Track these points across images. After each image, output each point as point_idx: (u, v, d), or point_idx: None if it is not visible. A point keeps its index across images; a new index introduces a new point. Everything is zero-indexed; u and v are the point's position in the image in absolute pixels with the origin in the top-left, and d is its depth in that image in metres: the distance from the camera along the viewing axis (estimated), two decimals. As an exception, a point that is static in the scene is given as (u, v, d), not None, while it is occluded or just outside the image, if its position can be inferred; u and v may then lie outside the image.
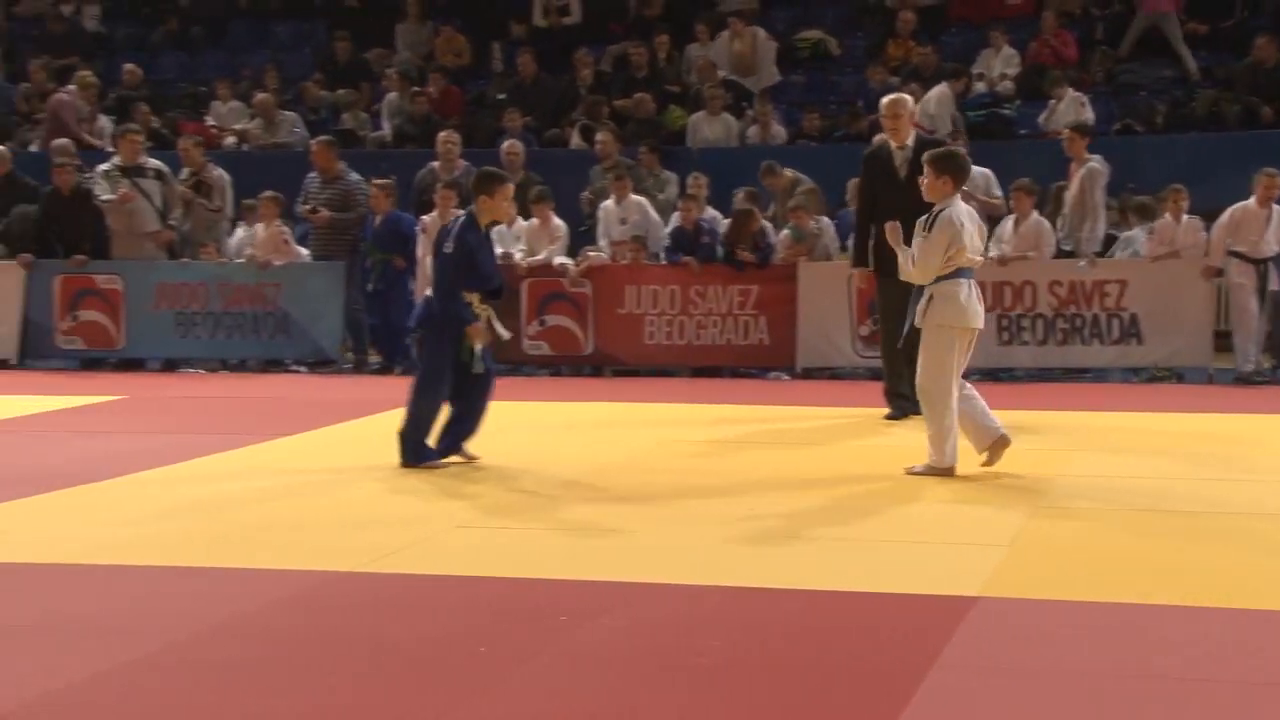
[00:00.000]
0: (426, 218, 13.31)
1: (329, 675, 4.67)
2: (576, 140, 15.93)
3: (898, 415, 9.93)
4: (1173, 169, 13.59)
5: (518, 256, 13.18)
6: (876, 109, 15.05)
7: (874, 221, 9.73)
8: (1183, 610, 5.39)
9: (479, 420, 8.47)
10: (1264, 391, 11.78)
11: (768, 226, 13.21)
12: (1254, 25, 16.55)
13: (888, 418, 10.03)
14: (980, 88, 16.10)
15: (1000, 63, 16.31)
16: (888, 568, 6.04)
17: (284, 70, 18.22)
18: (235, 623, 5.27)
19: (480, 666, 4.74)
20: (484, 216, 8.33)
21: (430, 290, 8.52)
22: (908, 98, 10.53)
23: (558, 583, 5.81)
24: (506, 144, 14.51)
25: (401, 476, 8.10)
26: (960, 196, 8.04)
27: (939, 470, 7.89)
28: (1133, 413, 10.55)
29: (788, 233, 13.14)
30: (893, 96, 10.29)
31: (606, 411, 10.87)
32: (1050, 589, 5.67)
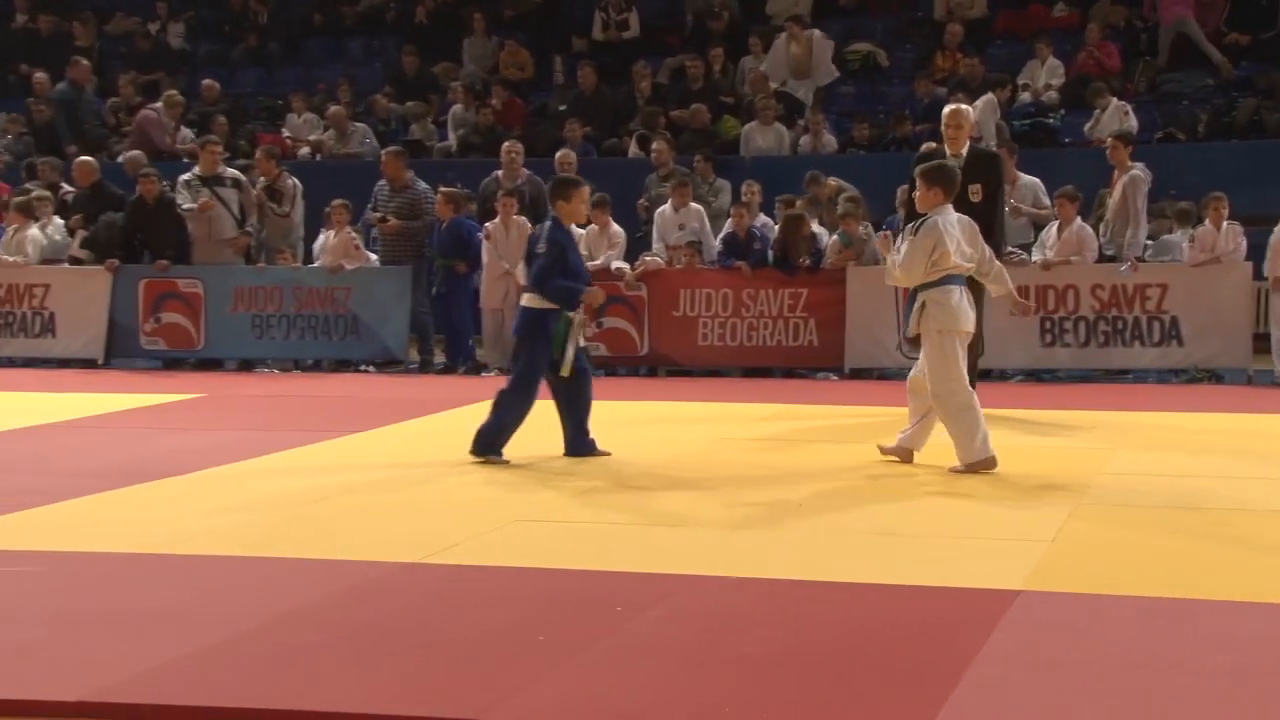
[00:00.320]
0: (490, 224, 13.36)
1: (387, 662, 4.66)
2: (634, 149, 15.92)
3: None
4: (1213, 176, 13.38)
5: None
6: (924, 119, 15.17)
7: None
8: (1224, 605, 5.31)
9: (583, 415, 8.53)
10: (1303, 393, 11.60)
11: (820, 232, 13.14)
12: (1294, 35, 16.34)
13: None
14: (1025, 98, 15.96)
15: (1045, 73, 16.14)
16: (932, 562, 5.98)
17: (356, 84, 18.33)
18: (301, 612, 5.28)
19: (536, 655, 4.72)
20: (564, 220, 8.47)
21: (523, 298, 8.56)
22: (969, 110, 10.46)
23: (614, 574, 5.79)
24: (560, 153, 14.52)
25: (463, 472, 8.11)
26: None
27: (976, 466, 7.78)
28: (1173, 413, 10.40)
29: (837, 238, 13.06)
30: (955, 107, 10.20)
31: (661, 410, 10.83)
32: (1092, 583, 5.59)
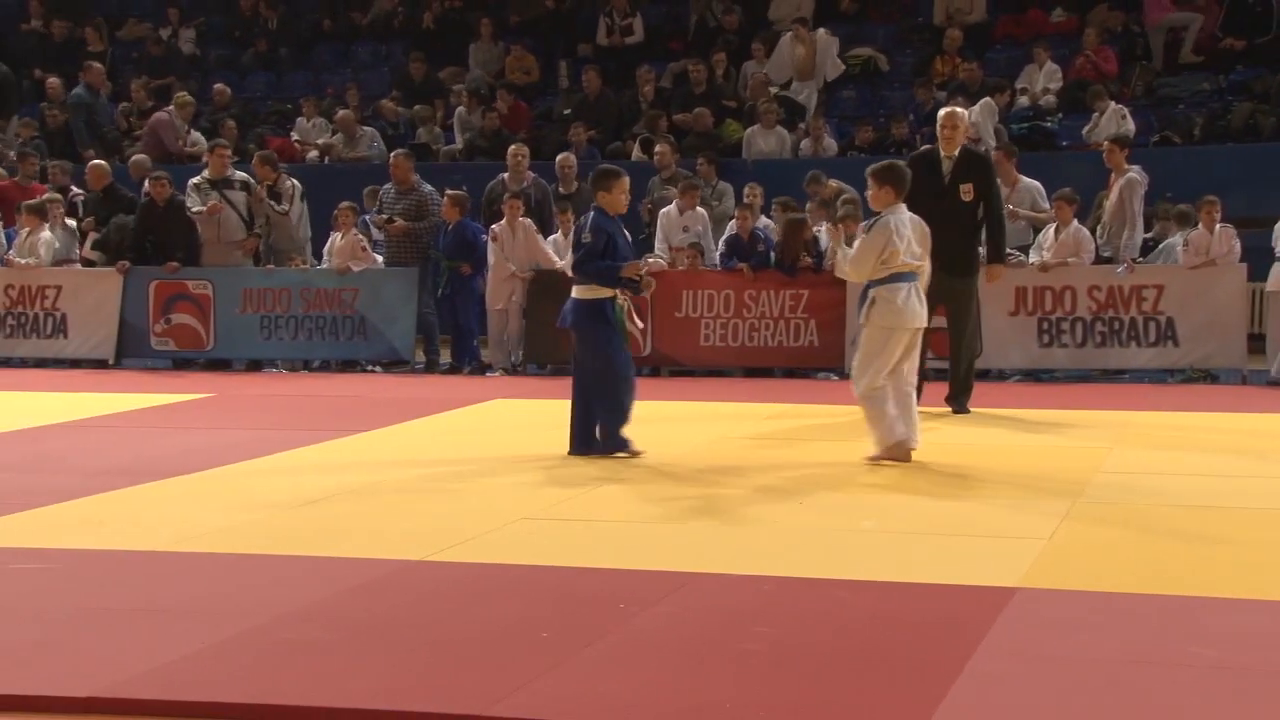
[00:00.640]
0: (496, 226, 13.35)
1: (394, 658, 4.66)
2: (637, 153, 15.92)
3: (958, 410, 9.97)
4: (1209, 179, 13.39)
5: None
6: (924, 122, 15.16)
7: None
8: (1220, 602, 5.29)
9: (597, 416, 8.46)
10: (1297, 392, 11.59)
11: (821, 234, 13.13)
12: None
13: (954, 411, 10.14)
14: (1024, 102, 15.96)
15: (1043, 78, 16.13)
16: (931, 559, 5.97)
17: (364, 89, 18.36)
18: (309, 609, 5.27)
19: (540, 651, 4.72)
20: (607, 210, 8.53)
21: (573, 290, 8.55)
22: (964, 112, 10.74)
23: (617, 572, 5.78)
24: (560, 157, 14.52)
25: (469, 470, 8.10)
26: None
27: (891, 453, 7.92)
28: (1169, 412, 10.39)
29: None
30: (951, 109, 10.50)
31: (665, 409, 10.82)
32: (1089, 580, 5.58)
